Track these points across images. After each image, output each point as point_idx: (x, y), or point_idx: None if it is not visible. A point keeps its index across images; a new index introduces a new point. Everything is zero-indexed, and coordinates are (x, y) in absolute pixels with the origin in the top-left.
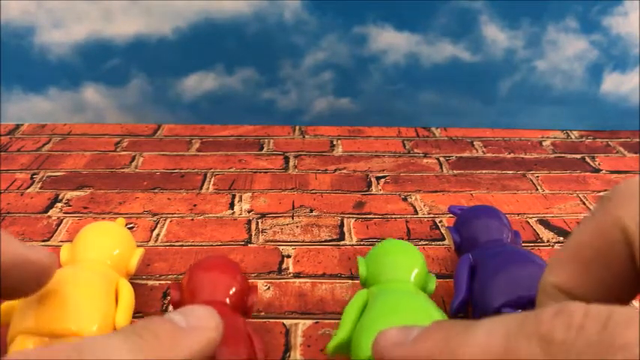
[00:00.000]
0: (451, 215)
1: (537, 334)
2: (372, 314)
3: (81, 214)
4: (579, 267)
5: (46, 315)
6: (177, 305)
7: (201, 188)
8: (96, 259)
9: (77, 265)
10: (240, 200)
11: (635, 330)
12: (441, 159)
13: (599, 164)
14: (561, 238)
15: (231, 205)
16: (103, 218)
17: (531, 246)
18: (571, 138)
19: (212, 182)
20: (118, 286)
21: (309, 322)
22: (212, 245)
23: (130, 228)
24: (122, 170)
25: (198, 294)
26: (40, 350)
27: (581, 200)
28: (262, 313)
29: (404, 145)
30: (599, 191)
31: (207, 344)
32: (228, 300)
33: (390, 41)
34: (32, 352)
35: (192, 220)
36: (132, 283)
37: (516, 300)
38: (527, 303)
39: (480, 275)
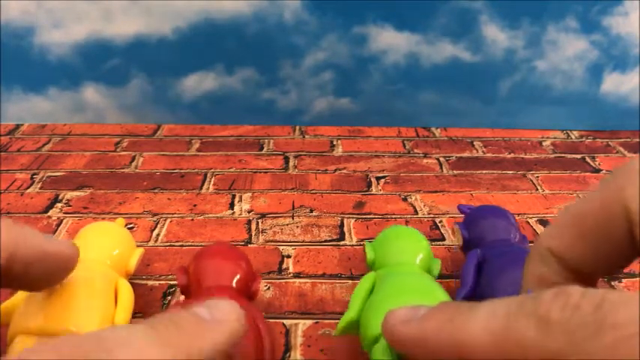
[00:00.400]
0: (451, 216)
1: (536, 314)
2: (380, 294)
3: (81, 215)
4: (576, 235)
5: (46, 315)
6: (184, 289)
7: (201, 188)
8: (95, 259)
9: (77, 265)
10: (240, 200)
11: (628, 311)
12: (441, 159)
13: (599, 164)
14: None
15: (231, 205)
16: (103, 218)
17: (532, 246)
18: (571, 138)
19: (212, 182)
20: (118, 286)
21: (309, 322)
22: None
23: (130, 228)
24: (122, 170)
25: (204, 279)
26: (60, 344)
27: None
28: (262, 313)
29: (404, 145)
30: None
31: (231, 336)
32: (233, 285)
33: (390, 41)
34: (50, 347)
35: (192, 220)
36: (132, 283)
37: None
38: None
39: (486, 273)
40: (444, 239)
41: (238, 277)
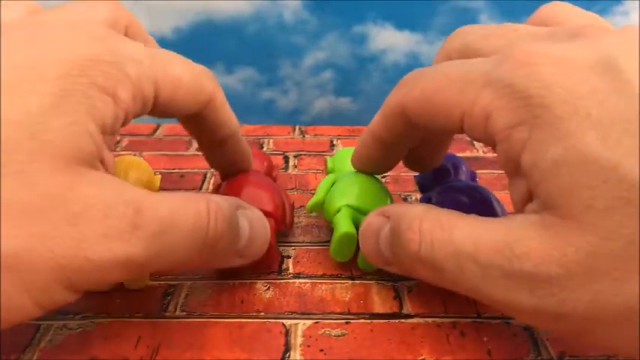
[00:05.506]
0: None
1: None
2: (340, 184)
3: None
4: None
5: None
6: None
7: (200, 188)
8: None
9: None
10: None
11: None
12: None
13: None
14: None
15: None
16: None
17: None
18: None
19: (212, 182)
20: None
21: (309, 322)
22: None
23: None
24: None
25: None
26: None
27: None
28: (262, 314)
29: None
30: None
31: None
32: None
33: (390, 41)
34: None
35: None
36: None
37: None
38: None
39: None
40: None
41: (266, 164)
